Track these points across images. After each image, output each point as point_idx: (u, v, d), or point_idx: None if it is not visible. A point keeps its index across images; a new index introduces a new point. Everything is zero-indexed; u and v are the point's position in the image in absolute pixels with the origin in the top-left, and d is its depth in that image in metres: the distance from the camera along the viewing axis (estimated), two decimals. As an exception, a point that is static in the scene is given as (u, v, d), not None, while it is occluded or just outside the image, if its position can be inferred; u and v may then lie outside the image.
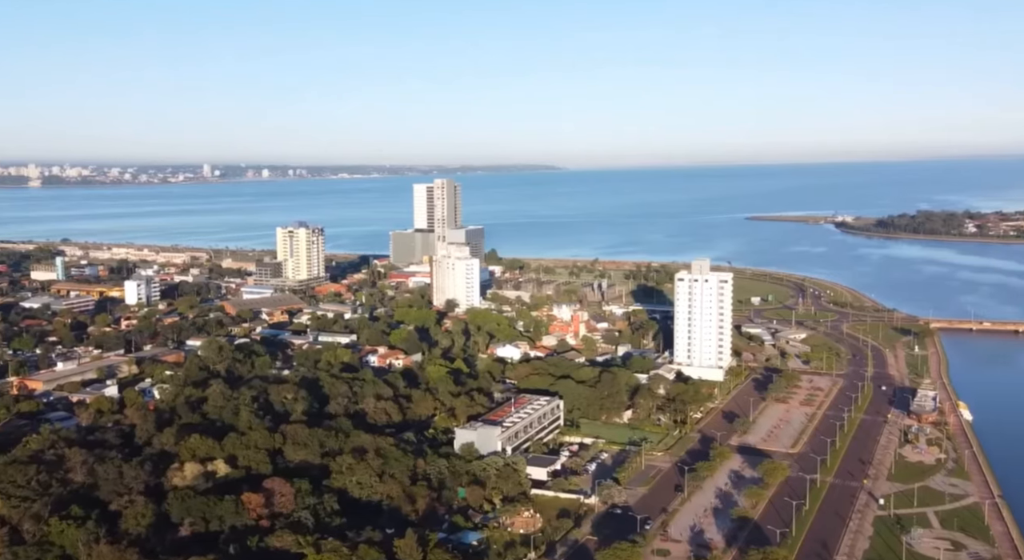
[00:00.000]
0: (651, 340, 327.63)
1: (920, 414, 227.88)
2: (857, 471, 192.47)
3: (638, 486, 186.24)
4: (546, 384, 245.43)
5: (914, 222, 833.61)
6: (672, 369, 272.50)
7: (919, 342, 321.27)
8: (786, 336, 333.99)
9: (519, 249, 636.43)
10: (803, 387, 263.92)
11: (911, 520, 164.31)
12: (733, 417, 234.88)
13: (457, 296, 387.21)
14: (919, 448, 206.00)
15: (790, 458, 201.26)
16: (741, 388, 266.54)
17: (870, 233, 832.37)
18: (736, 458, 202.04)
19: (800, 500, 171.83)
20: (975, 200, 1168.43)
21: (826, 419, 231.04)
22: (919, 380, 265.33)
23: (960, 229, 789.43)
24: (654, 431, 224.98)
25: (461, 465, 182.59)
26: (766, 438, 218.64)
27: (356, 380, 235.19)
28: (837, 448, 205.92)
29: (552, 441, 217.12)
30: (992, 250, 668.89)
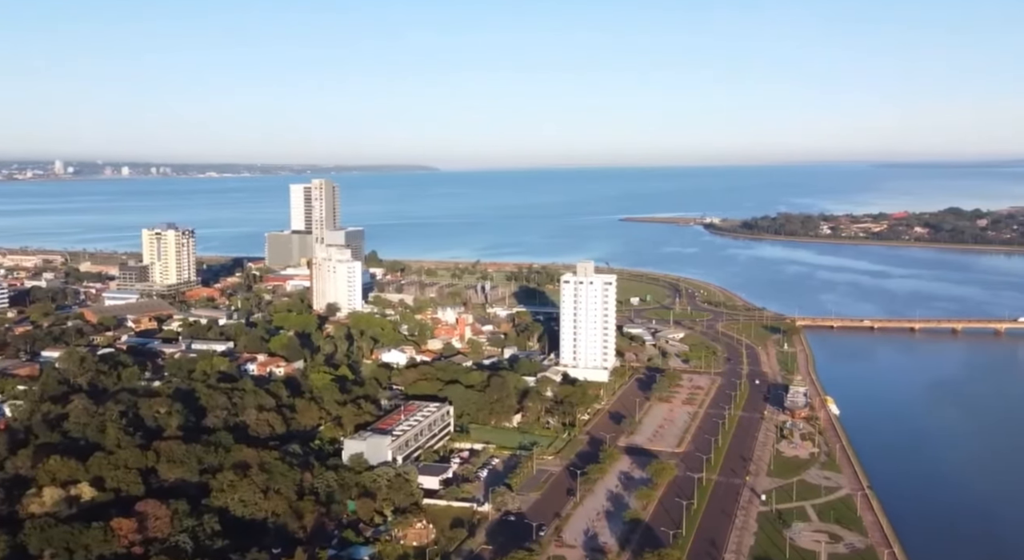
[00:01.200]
0: (536, 342, 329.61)
1: (793, 410, 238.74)
2: (739, 468, 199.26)
3: (530, 491, 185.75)
4: (435, 389, 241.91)
5: (775, 224, 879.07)
6: (559, 371, 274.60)
7: (788, 340, 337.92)
8: (666, 336, 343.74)
9: (400, 251, 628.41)
10: (684, 386, 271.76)
11: (791, 514, 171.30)
12: (620, 418, 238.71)
13: (339, 300, 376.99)
14: (794, 443, 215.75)
15: (676, 457, 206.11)
16: (626, 388, 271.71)
17: (736, 234, 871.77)
18: (625, 459, 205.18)
19: (688, 499, 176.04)
20: (828, 203, 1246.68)
21: (708, 417, 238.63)
22: (790, 377, 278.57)
23: (816, 231, 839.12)
24: (544, 434, 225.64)
25: (350, 477, 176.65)
26: (652, 438, 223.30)
27: (235, 390, 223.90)
28: (720, 446, 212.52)
29: (442, 448, 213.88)
30: (845, 250, 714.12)
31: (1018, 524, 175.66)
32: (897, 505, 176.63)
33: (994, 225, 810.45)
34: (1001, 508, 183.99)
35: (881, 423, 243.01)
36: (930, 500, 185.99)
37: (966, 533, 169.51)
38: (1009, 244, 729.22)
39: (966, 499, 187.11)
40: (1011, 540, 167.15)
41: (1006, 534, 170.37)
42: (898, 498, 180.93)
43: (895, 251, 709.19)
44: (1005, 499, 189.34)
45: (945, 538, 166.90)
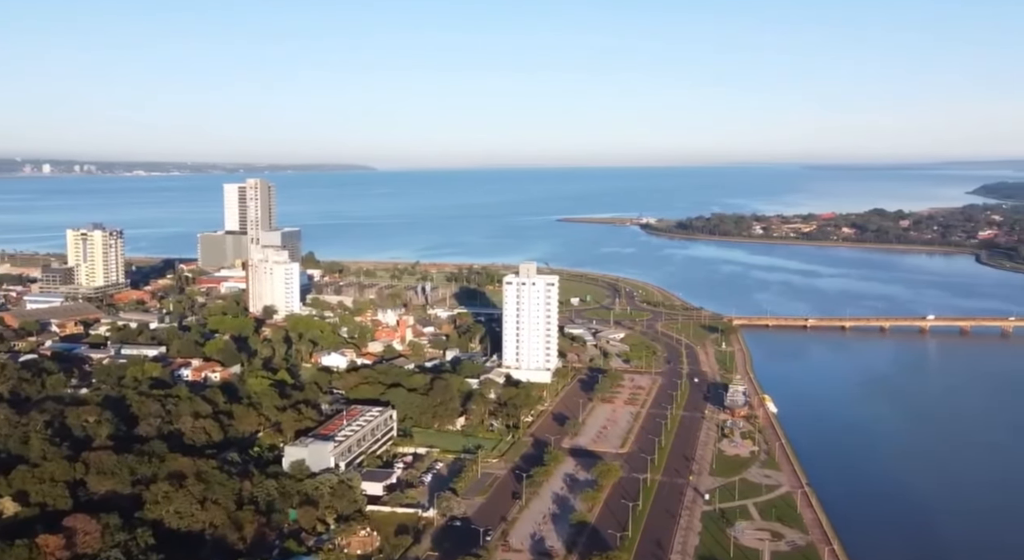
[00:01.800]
0: (479, 343, 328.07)
1: (733, 409, 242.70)
2: (682, 468, 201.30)
3: (476, 495, 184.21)
4: (377, 393, 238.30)
5: (709, 224, 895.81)
6: (502, 373, 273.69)
7: (725, 339, 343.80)
8: (606, 336, 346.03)
9: (337, 252, 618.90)
10: (626, 386, 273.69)
11: (735, 513, 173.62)
12: (563, 419, 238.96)
13: (276, 302, 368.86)
14: (735, 442, 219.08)
15: (620, 458, 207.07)
16: (568, 389, 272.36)
17: (672, 234, 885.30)
18: (569, 461, 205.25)
19: (633, 500, 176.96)
20: (759, 204, 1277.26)
21: (650, 417, 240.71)
22: (729, 376, 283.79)
23: (749, 231, 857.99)
24: (488, 437, 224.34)
25: (291, 485, 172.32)
26: (596, 439, 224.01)
27: (169, 397, 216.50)
28: (663, 446, 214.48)
29: (386, 453, 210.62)
30: (777, 250, 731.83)
31: (948, 513, 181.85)
32: (835, 501, 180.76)
33: (916, 226, 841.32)
34: (931, 498, 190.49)
35: (817, 420, 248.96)
36: (866, 494, 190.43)
37: (901, 525, 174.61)
38: (930, 244, 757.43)
39: (899, 491, 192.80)
40: (942, 529, 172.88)
41: (937, 523, 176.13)
42: (836, 494, 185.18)
43: (824, 251, 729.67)
44: (935, 489, 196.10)
45: (882, 532, 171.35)
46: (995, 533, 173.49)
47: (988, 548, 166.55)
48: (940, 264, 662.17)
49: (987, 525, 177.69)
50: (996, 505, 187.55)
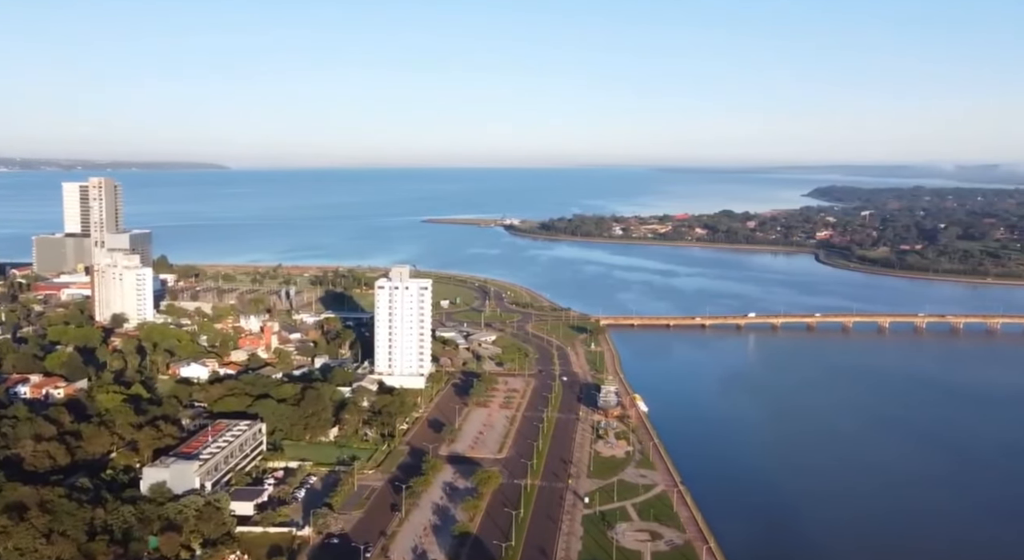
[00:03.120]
0: (348, 349, 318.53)
1: (606, 409, 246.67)
2: (561, 471, 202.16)
3: (353, 509, 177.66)
4: (243, 405, 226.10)
5: (571, 225, 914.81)
6: (375, 380, 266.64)
7: (594, 339, 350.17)
8: (478, 339, 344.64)
9: (192, 255, 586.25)
10: (500, 389, 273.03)
11: (614, 515, 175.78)
12: (440, 426, 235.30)
13: (126, 310, 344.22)
14: (610, 442, 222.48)
15: (499, 463, 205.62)
16: (443, 394, 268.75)
17: (535, 235, 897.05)
18: (448, 469, 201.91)
19: (515, 507, 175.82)
20: (617, 205, 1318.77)
21: (526, 420, 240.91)
22: (600, 376, 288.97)
23: (609, 232, 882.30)
24: (363, 447, 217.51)
25: (152, 509, 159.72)
26: (473, 445, 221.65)
27: (5, 418, 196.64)
28: (540, 449, 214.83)
29: (255, 469, 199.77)
30: (636, 250, 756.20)
31: (809, 499, 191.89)
32: (708, 497, 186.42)
33: (761, 226, 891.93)
34: (794, 486, 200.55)
35: (685, 417, 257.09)
36: (735, 489, 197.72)
37: (769, 516, 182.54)
38: (775, 244, 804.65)
39: (764, 482, 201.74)
40: (805, 516, 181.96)
41: (801, 510, 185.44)
42: (708, 490, 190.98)
43: (680, 251, 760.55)
44: (796, 477, 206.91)
45: (753, 524, 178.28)
46: (850, 514, 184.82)
47: (846, 528, 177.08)
48: (784, 263, 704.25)
49: (843, 507, 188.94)
50: (849, 488, 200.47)
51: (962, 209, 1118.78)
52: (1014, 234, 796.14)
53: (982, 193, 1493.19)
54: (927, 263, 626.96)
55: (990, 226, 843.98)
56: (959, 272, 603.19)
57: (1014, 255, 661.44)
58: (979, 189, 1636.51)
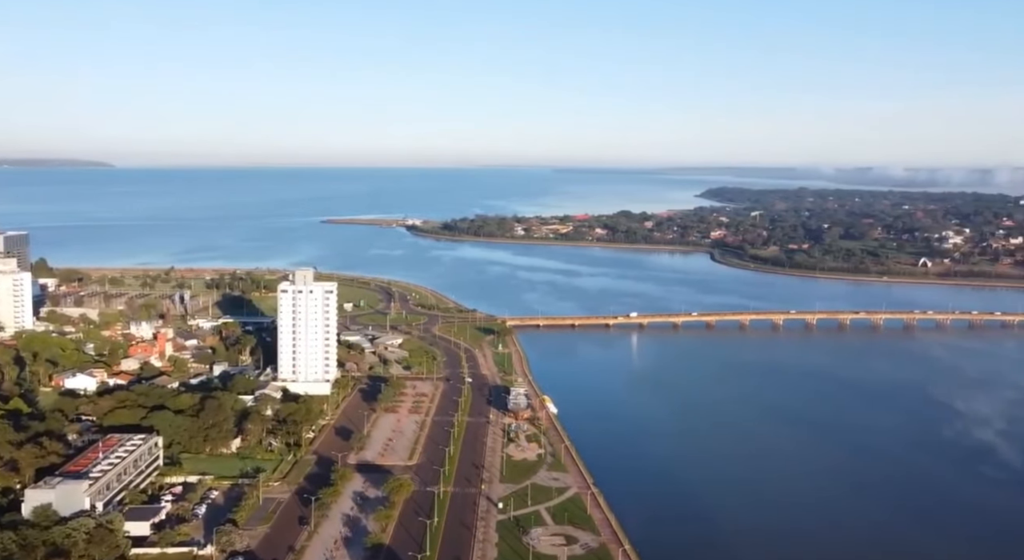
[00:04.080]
0: (249, 356, 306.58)
1: (516, 412, 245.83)
2: (473, 476, 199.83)
3: (258, 525, 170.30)
4: (136, 418, 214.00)
5: (474, 225, 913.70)
6: (278, 387, 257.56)
7: (501, 340, 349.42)
8: (384, 342, 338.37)
9: (75, 258, 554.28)
10: (409, 394, 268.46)
11: (529, 519, 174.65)
12: (348, 433, 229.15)
13: (2, 317, 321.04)
14: (521, 445, 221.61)
15: (410, 471, 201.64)
16: (350, 401, 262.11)
17: (438, 236, 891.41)
18: (358, 478, 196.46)
19: (428, 516, 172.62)
20: (518, 205, 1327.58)
21: (436, 425, 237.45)
22: (509, 378, 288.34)
23: (511, 232, 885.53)
24: (267, 458, 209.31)
25: (35, 535, 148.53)
26: (383, 452, 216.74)
27: None
28: (452, 455, 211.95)
29: (151, 486, 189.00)
30: (538, 251, 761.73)
31: (718, 495, 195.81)
32: (620, 498, 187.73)
33: (658, 226, 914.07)
34: (703, 483, 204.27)
35: (594, 417, 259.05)
36: (647, 488, 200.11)
37: (680, 514, 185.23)
38: (672, 243, 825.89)
39: (674, 480, 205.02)
40: (715, 512, 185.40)
41: (712, 508, 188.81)
42: (620, 491, 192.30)
43: (581, 251, 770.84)
44: (704, 474, 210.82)
45: (665, 523, 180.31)
46: (754, 504, 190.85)
47: (751, 519, 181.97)
48: (681, 262, 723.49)
49: (749, 500, 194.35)
50: (754, 480, 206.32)
51: (842, 210, 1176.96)
52: (890, 234, 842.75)
53: (859, 194, 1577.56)
54: (814, 262, 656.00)
55: (869, 226, 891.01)
56: (843, 270, 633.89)
57: (891, 254, 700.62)
58: (856, 191, 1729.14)
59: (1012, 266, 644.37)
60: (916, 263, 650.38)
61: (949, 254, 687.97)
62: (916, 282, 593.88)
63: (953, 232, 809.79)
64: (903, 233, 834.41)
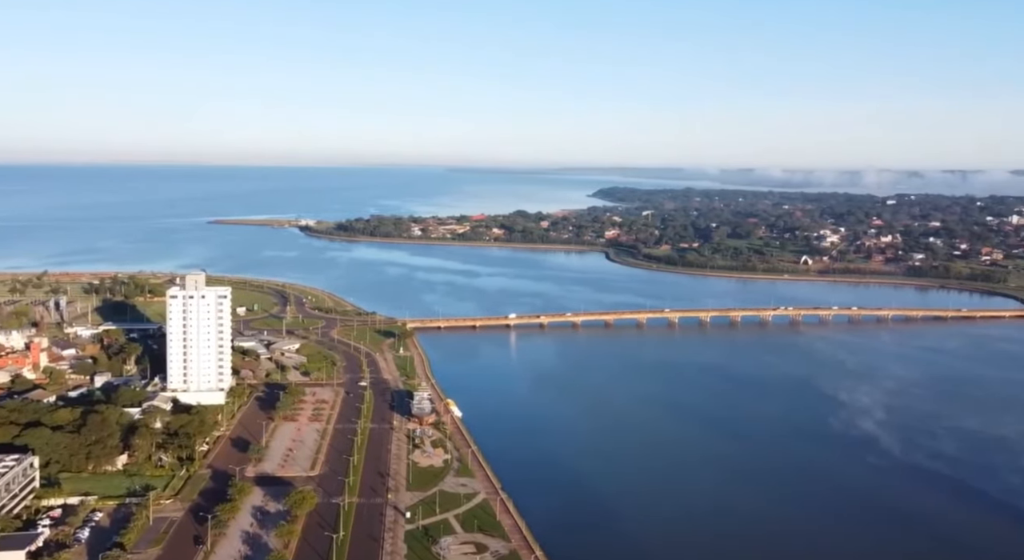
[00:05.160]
0: (135, 365, 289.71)
1: (421, 416, 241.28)
2: (379, 485, 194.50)
3: (149, 547, 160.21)
4: (8, 436, 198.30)
5: (369, 226, 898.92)
6: (168, 398, 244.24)
7: (402, 343, 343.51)
8: (281, 347, 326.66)
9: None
10: (308, 401, 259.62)
11: (437, 528, 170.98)
12: (245, 444, 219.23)
13: None
14: (427, 451, 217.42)
15: (312, 482, 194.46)
16: (246, 410, 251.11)
17: (333, 236, 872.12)
18: (257, 492, 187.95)
19: (333, 529, 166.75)
20: (414, 205, 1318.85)
21: (338, 433, 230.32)
22: (411, 382, 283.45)
23: (408, 232, 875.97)
24: (157, 475, 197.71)
25: None
26: (283, 463, 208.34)
27: None
28: (356, 463, 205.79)
29: (27, 510, 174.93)
30: (436, 251, 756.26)
31: (624, 495, 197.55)
32: (529, 502, 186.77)
33: (554, 226, 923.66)
34: (610, 483, 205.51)
35: (500, 420, 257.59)
36: (554, 490, 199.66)
37: (589, 516, 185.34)
38: (568, 243, 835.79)
39: (582, 481, 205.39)
40: (622, 513, 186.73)
41: (618, 508, 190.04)
42: (529, 495, 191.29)
43: (478, 251, 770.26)
44: (611, 474, 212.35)
45: (575, 526, 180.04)
46: (659, 503, 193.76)
47: (657, 518, 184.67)
48: (578, 261, 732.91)
49: (653, 497, 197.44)
50: (655, 477, 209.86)
51: (728, 210, 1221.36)
52: (773, 233, 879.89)
53: (742, 194, 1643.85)
54: (704, 260, 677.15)
55: (753, 225, 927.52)
56: (731, 268, 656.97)
57: (775, 252, 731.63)
58: (740, 191, 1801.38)
59: (883, 263, 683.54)
60: (798, 261, 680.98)
61: (827, 252, 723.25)
62: (798, 279, 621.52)
63: (830, 231, 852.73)
64: (785, 232, 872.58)
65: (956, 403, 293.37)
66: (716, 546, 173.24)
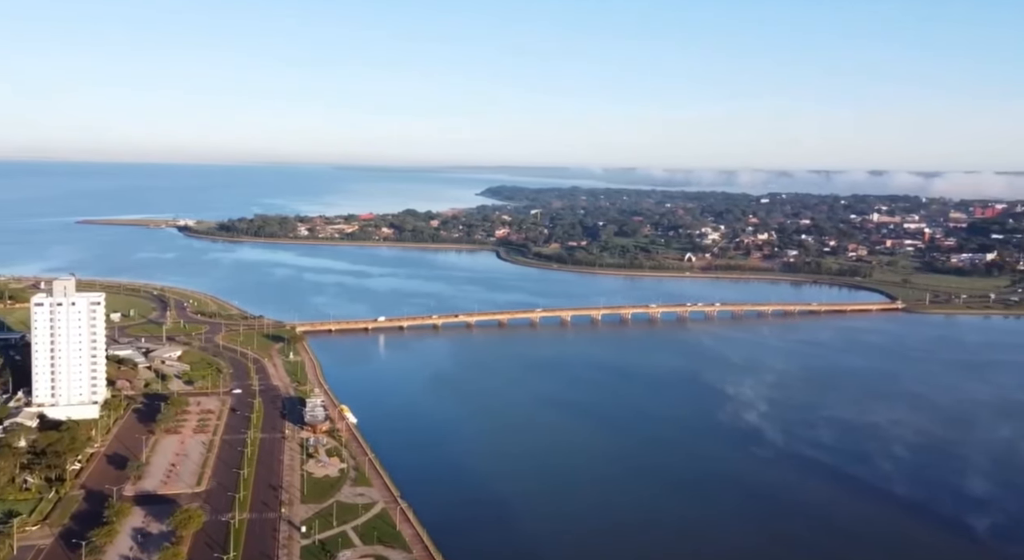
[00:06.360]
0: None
1: (314, 424, 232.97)
2: (271, 499, 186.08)
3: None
4: None
5: (253, 226, 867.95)
6: (33, 413, 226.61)
7: (292, 348, 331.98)
8: (161, 355, 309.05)
9: None
10: (193, 411, 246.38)
11: (335, 542, 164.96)
12: (122, 461, 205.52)
13: None
14: (322, 461, 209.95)
15: (199, 499, 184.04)
16: (123, 423, 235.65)
17: (214, 237, 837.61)
18: (137, 512, 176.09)
19: (222, 549, 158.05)
20: (299, 204, 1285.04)
21: (226, 445, 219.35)
22: (303, 388, 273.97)
23: (295, 232, 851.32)
24: (22, 498, 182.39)
25: None
26: (166, 480, 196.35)
27: None
28: (246, 477, 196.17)
29: None
30: (324, 251, 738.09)
31: (526, 497, 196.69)
32: (429, 510, 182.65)
33: (444, 225, 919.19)
34: (510, 486, 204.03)
35: (396, 426, 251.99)
36: (454, 496, 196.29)
37: (489, 521, 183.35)
38: (459, 242, 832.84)
39: (481, 484, 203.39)
40: (523, 516, 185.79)
41: (518, 509, 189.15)
42: (429, 502, 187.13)
43: (368, 251, 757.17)
44: (509, 475, 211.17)
45: (476, 533, 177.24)
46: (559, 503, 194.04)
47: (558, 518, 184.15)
48: (469, 260, 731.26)
49: (553, 497, 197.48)
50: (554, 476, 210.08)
51: (614, 208, 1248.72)
52: (658, 231, 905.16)
53: (626, 193, 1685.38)
54: (593, 258, 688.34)
55: (639, 223, 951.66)
56: (619, 266, 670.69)
57: (660, 249, 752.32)
58: (624, 190, 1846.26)
59: (761, 260, 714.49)
60: (682, 258, 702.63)
61: (709, 249, 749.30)
62: (683, 276, 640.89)
63: (711, 229, 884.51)
64: (669, 230, 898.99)
65: (831, 393, 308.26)
66: (614, 541, 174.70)
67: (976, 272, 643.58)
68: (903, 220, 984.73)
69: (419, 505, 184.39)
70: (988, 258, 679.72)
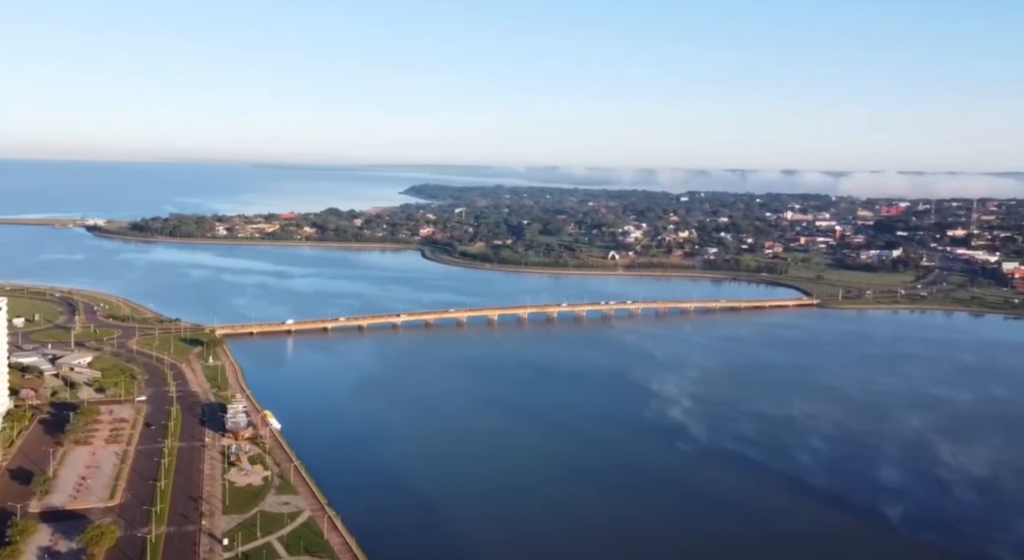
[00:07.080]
0: None
1: (236, 431, 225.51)
2: (191, 511, 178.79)
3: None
4: None
5: (168, 225, 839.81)
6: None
7: (211, 352, 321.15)
8: (69, 362, 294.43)
9: None
10: (105, 421, 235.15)
11: (260, 554, 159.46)
12: (27, 475, 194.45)
13: None
14: (244, 469, 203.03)
15: (112, 513, 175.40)
16: (28, 435, 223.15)
17: (126, 237, 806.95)
18: (44, 530, 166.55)
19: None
20: (216, 203, 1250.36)
21: (141, 456, 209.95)
22: (223, 394, 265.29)
23: (212, 232, 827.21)
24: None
25: None
26: (76, 494, 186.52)
27: None
28: (163, 488, 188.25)
29: None
30: (244, 251, 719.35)
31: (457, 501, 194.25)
32: (358, 517, 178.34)
33: (368, 224, 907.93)
34: (439, 489, 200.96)
35: (322, 431, 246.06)
36: (385, 502, 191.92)
37: (422, 527, 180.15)
38: (383, 241, 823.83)
39: (412, 490, 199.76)
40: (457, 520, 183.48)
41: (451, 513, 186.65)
42: (357, 509, 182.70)
43: (290, 251, 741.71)
44: (440, 479, 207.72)
45: (407, 539, 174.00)
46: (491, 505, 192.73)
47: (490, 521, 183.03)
48: (394, 260, 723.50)
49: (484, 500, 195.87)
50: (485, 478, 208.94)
51: (538, 207, 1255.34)
52: (581, 229, 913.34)
53: (549, 192, 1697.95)
54: (518, 257, 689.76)
55: (563, 222, 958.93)
56: (544, 264, 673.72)
57: (584, 248, 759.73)
58: (546, 188, 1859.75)
59: (683, 257, 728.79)
60: (606, 256, 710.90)
61: (632, 247, 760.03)
62: (607, 274, 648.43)
63: (633, 227, 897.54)
64: (592, 228, 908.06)
65: (751, 388, 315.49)
66: (550, 545, 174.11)
67: (883, 268, 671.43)
68: (815, 218, 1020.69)
69: (347, 512, 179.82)
70: (894, 255, 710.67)
